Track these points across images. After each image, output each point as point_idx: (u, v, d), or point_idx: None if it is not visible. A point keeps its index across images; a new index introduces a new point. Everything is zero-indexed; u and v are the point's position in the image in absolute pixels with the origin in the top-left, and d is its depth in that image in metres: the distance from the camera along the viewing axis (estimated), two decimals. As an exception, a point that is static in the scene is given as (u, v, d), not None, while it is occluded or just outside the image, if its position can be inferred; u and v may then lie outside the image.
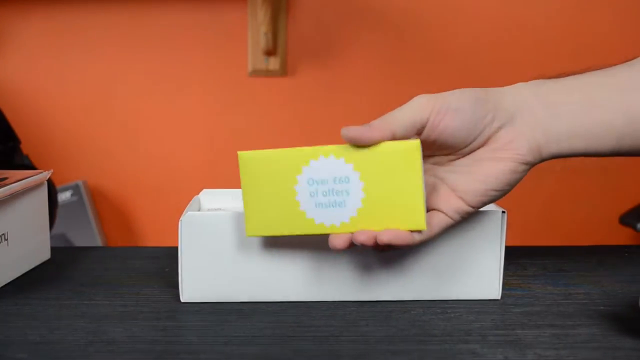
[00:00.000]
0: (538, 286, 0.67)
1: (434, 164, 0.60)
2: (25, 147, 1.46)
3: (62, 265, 0.74)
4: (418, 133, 0.56)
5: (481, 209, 0.62)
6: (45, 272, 0.72)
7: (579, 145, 0.59)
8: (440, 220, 0.58)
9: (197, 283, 0.62)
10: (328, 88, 1.67)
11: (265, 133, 1.69)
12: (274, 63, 1.66)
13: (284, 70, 1.67)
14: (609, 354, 0.51)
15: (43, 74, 1.68)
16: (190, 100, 1.69)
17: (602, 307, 0.61)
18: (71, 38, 1.67)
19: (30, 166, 1.39)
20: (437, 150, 0.58)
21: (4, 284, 0.67)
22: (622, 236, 1.68)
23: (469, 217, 0.61)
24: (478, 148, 0.58)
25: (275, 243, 0.61)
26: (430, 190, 0.59)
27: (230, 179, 1.67)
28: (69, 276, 0.71)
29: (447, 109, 0.56)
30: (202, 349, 0.53)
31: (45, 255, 0.76)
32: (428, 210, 0.58)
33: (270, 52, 1.63)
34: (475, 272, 0.63)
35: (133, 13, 1.66)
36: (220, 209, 0.71)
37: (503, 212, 0.62)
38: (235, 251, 0.61)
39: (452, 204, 0.58)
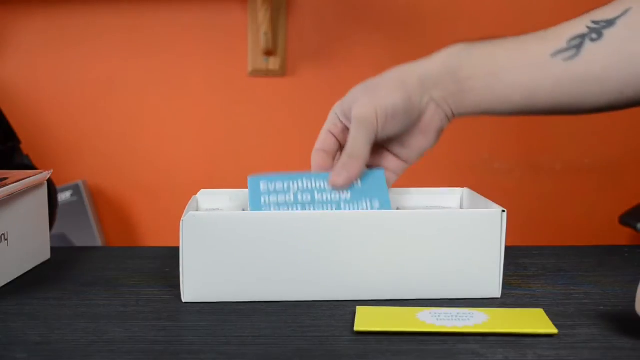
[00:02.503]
0: (538, 286, 0.67)
1: (381, 144, 0.70)
2: (25, 147, 1.46)
3: (62, 265, 0.74)
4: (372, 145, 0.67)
5: (481, 209, 0.64)
6: (45, 272, 0.72)
7: (483, 111, 0.70)
8: (389, 177, 0.70)
9: (198, 283, 0.62)
10: (328, 88, 1.66)
11: (265, 133, 1.69)
12: (274, 63, 1.66)
13: (283, 70, 1.67)
14: (609, 354, 0.51)
15: (43, 74, 1.68)
16: (190, 100, 1.69)
17: (602, 307, 0.61)
18: (71, 38, 1.67)
19: (30, 166, 1.39)
20: (383, 139, 0.69)
21: (4, 284, 0.67)
22: (622, 236, 1.68)
23: (469, 216, 0.62)
24: (412, 129, 0.69)
25: (275, 243, 0.61)
26: (380, 159, 0.71)
27: (230, 179, 1.66)
28: (69, 276, 0.71)
29: (385, 115, 0.66)
30: (203, 349, 0.53)
31: (45, 255, 0.76)
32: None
33: (270, 52, 1.63)
34: (475, 271, 0.63)
35: (133, 13, 1.66)
36: (218, 209, 0.71)
37: (503, 211, 0.62)
38: (236, 251, 0.61)
39: (396, 166, 0.71)
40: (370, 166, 0.69)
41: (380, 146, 0.70)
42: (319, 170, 0.68)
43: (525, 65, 0.68)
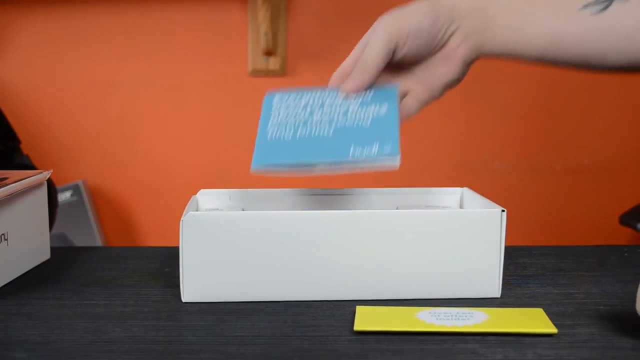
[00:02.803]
0: (537, 286, 0.67)
1: (405, 68, 0.71)
2: (25, 147, 1.46)
3: (62, 265, 0.74)
4: (390, 56, 0.68)
5: (480, 208, 0.64)
6: (45, 272, 0.72)
7: (508, 52, 0.71)
8: (411, 104, 0.70)
9: (198, 283, 0.62)
10: (328, 88, 1.66)
11: (265, 133, 1.69)
12: (274, 63, 1.66)
13: (284, 70, 1.67)
14: (608, 354, 0.51)
15: (43, 74, 1.68)
16: (190, 100, 1.69)
17: (601, 307, 0.61)
18: (71, 38, 1.67)
19: (30, 166, 1.39)
20: (401, 61, 0.70)
21: (3, 283, 0.67)
22: (622, 236, 1.68)
23: (469, 216, 0.62)
24: (433, 54, 0.70)
25: (274, 243, 0.61)
26: (404, 83, 0.71)
27: (230, 179, 1.67)
28: (69, 276, 0.71)
29: (408, 31, 0.68)
30: (202, 348, 0.53)
31: (45, 255, 0.76)
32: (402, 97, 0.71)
33: (270, 52, 1.63)
34: (475, 271, 0.63)
35: (133, 13, 1.66)
36: (217, 209, 0.71)
37: (503, 210, 0.62)
38: (235, 251, 0.61)
39: (420, 94, 0.71)
40: None
41: (405, 70, 0.71)
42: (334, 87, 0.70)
43: (554, 14, 0.69)
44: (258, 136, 0.67)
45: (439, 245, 0.62)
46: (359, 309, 0.59)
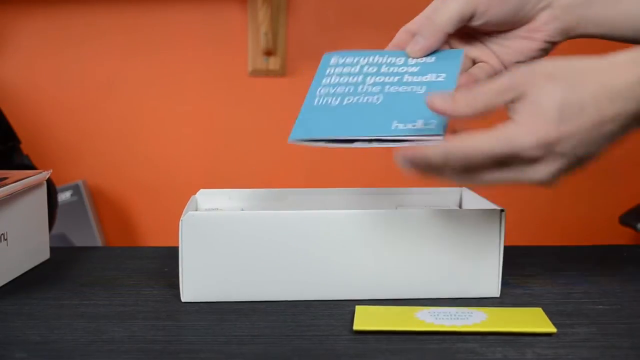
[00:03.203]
0: (537, 285, 0.67)
1: (481, 34, 0.65)
2: (25, 147, 1.46)
3: (62, 265, 0.74)
4: (465, 22, 0.61)
5: (480, 208, 0.64)
6: (44, 272, 0.72)
7: (603, 31, 0.64)
8: (476, 74, 0.64)
9: (197, 283, 0.62)
10: (328, 88, 1.66)
11: (265, 133, 1.69)
12: (274, 63, 1.66)
13: (284, 70, 1.67)
14: (608, 353, 0.51)
15: (43, 74, 1.68)
16: (190, 100, 1.69)
17: (600, 307, 0.61)
18: (71, 38, 1.67)
19: (30, 166, 1.39)
20: (477, 29, 0.64)
21: (3, 283, 0.67)
22: (622, 236, 1.68)
23: (468, 215, 0.62)
24: (516, 28, 0.63)
25: (274, 243, 0.61)
26: (474, 50, 0.65)
27: (230, 179, 1.66)
28: (69, 276, 0.71)
29: None
30: (202, 348, 0.53)
31: (45, 255, 0.76)
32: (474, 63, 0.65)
33: (270, 52, 1.63)
34: (474, 270, 0.63)
35: (133, 13, 1.66)
36: (217, 209, 0.71)
37: (502, 210, 0.62)
38: (235, 251, 0.61)
39: (489, 66, 0.64)
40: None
41: (477, 39, 0.65)
42: (395, 48, 0.65)
43: None
44: (306, 100, 0.63)
45: (439, 245, 0.62)
46: (359, 308, 0.59)
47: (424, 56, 0.63)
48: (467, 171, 0.52)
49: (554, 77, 0.52)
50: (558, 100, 0.51)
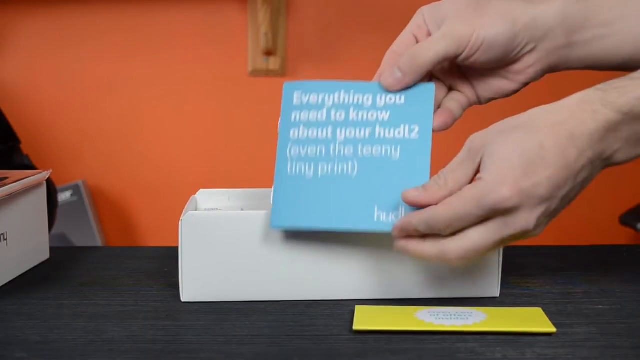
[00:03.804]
0: (536, 285, 0.67)
1: (461, 70, 0.65)
2: (25, 147, 1.46)
3: (61, 265, 0.74)
4: (449, 61, 0.61)
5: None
6: (44, 272, 0.72)
7: (586, 65, 0.64)
8: (452, 108, 0.64)
9: (197, 283, 0.62)
10: (328, 88, 1.66)
11: (265, 133, 1.69)
12: (274, 63, 1.66)
13: (284, 70, 1.67)
14: (607, 353, 0.51)
15: (43, 74, 1.68)
16: (190, 100, 1.69)
17: (600, 306, 0.61)
18: (71, 38, 1.67)
19: (30, 166, 1.39)
20: (465, 66, 0.63)
21: (3, 283, 0.67)
22: (622, 236, 1.68)
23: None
24: (501, 68, 0.63)
25: (274, 243, 0.61)
26: (453, 84, 0.65)
27: (230, 179, 1.67)
28: (68, 276, 0.71)
29: (481, 44, 0.60)
30: (202, 348, 0.53)
31: (44, 255, 0.76)
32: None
33: (270, 52, 1.63)
34: (474, 270, 0.63)
35: (133, 13, 1.66)
36: (217, 209, 0.71)
37: (502, 211, 0.62)
38: (235, 251, 0.61)
39: (465, 100, 0.65)
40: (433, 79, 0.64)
41: (459, 71, 0.65)
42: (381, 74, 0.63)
43: (638, 15, 0.63)
44: (278, 161, 0.61)
45: (438, 245, 0.62)
46: (358, 308, 0.59)
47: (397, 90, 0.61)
48: (454, 235, 0.54)
49: (507, 130, 0.54)
50: (518, 148, 0.53)
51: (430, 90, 0.61)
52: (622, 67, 0.64)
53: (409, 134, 0.60)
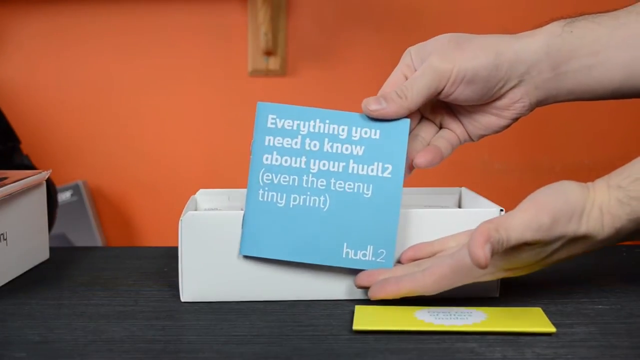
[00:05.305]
0: (536, 285, 0.67)
1: (450, 108, 0.66)
2: (25, 147, 1.46)
3: (61, 265, 0.74)
4: (433, 97, 0.62)
5: (480, 208, 0.65)
6: (44, 272, 0.72)
7: (575, 97, 0.65)
8: (442, 145, 0.65)
9: (197, 283, 0.62)
10: (328, 88, 1.66)
11: (265, 133, 1.69)
12: (274, 63, 1.66)
13: (284, 70, 1.67)
14: (607, 353, 0.51)
15: (43, 74, 1.68)
16: (190, 100, 1.69)
17: (600, 306, 0.61)
18: (71, 38, 1.67)
19: (30, 166, 1.39)
20: (451, 102, 0.64)
21: (3, 283, 0.67)
22: (622, 236, 1.68)
23: (467, 215, 0.63)
24: (487, 104, 0.64)
25: (274, 242, 0.61)
26: (443, 122, 0.66)
27: (230, 179, 1.66)
28: (68, 276, 0.71)
29: (462, 78, 0.60)
30: (201, 348, 0.53)
31: (44, 255, 0.76)
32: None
33: (270, 52, 1.63)
34: (474, 271, 0.62)
35: (133, 13, 1.66)
36: (217, 209, 0.71)
37: (501, 210, 0.62)
38: (235, 251, 0.61)
39: (455, 138, 0.66)
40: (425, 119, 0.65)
41: (448, 109, 0.66)
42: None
43: (627, 43, 0.63)
44: (249, 185, 0.61)
45: (438, 245, 0.62)
46: (358, 308, 0.59)
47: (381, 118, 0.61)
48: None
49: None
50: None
51: (405, 125, 0.61)
52: (614, 95, 0.65)
53: (382, 173, 0.61)
